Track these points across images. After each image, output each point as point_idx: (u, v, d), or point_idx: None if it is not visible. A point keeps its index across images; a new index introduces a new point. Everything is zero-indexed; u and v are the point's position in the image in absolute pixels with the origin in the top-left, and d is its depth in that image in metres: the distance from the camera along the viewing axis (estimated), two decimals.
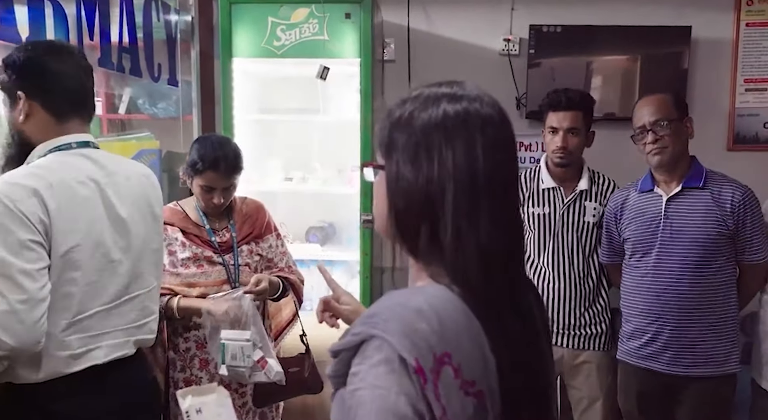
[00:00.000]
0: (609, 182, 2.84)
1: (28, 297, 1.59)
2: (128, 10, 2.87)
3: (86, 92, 1.85)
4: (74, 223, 1.71)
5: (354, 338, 0.95)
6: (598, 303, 2.83)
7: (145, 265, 1.95)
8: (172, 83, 3.41)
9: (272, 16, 3.32)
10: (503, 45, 3.80)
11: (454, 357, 0.92)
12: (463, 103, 1.02)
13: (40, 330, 1.62)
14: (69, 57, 1.81)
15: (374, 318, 0.95)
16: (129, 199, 1.88)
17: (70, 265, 1.71)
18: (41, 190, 1.64)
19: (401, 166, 1.02)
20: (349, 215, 3.72)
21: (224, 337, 2.37)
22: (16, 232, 1.60)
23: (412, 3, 3.82)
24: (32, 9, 2.21)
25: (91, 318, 1.78)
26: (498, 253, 1.00)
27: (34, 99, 1.76)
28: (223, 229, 2.60)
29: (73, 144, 1.79)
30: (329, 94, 3.57)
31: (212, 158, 2.43)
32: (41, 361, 1.70)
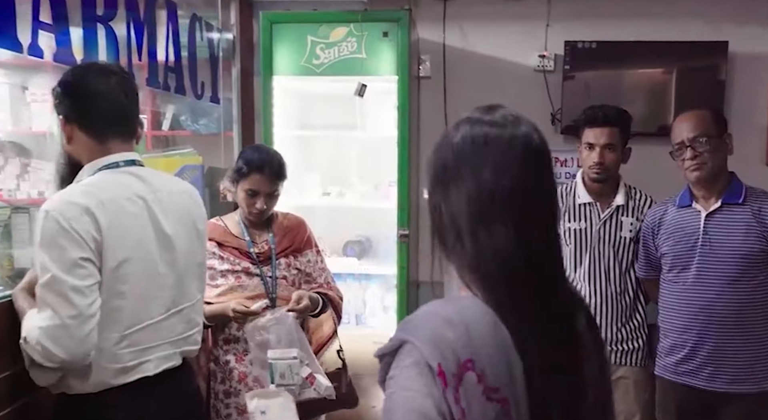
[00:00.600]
0: (646, 197, 2.85)
1: (78, 312, 1.65)
2: (174, 30, 2.97)
3: (126, 112, 1.87)
4: (123, 239, 1.76)
5: (392, 344, 1.03)
6: (635, 318, 2.82)
7: (190, 278, 1.99)
8: (214, 100, 3.50)
9: (312, 35, 3.41)
10: (538, 61, 3.83)
11: (478, 364, 0.97)
12: (495, 128, 1.09)
13: (90, 344, 1.68)
14: (110, 78, 1.83)
15: (408, 325, 1.03)
16: (174, 215, 1.93)
17: (119, 280, 1.76)
18: (93, 208, 1.70)
19: (437, 184, 1.11)
20: (385, 230, 3.77)
21: (271, 356, 2.38)
22: (69, 250, 1.65)
23: (448, 20, 3.87)
24: (86, 31, 2.31)
25: (142, 331, 1.83)
26: (521, 266, 1.05)
27: (73, 122, 1.81)
28: (262, 241, 2.65)
29: (120, 162, 1.84)
30: (366, 110, 3.64)
31: (258, 162, 2.52)
32: (92, 374, 1.75)
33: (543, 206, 1.09)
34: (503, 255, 1.04)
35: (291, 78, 3.53)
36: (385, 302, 3.82)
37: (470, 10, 3.86)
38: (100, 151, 1.82)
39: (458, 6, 3.87)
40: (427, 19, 3.86)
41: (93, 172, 1.81)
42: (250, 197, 2.56)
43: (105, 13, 2.40)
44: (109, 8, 2.43)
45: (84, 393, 1.78)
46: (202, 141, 3.70)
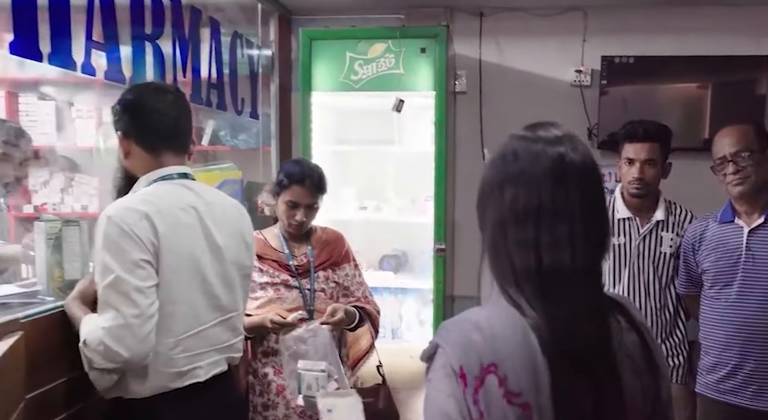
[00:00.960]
0: (686, 213, 2.82)
1: (140, 312, 1.72)
2: (216, 47, 3.03)
3: (179, 128, 1.95)
4: (177, 246, 1.83)
5: (429, 348, 1.11)
6: (675, 335, 2.80)
7: (237, 289, 2.05)
8: (253, 116, 3.57)
9: (350, 52, 3.46)
10: (575, 76, 3.84)
11: (501, 368, 1.02)
12: (539, 144, 1.14)
13: (149, 344, 1.75)
14: (166, 96, 1.93)
15: (442, 330, 1.10)
16: (225, 227, 2.00)
17: (172, 286, 1.83)
18: (151, 215, 1.78)
19: (484, 200, 1.17)
20: (421, 244, 3.78)
21: (301, 367, 2.43)
22: (131, 252, 1.73)
23: (484, 36, 3.90)
24: (135, 49, 2.38)
25: (194, 337, 1.89)
26: (562, 279, 1.08)
27: (130, 137, 1.90)
28: (301, 254, 2.68)
29: (174, 175, 1.93)
30: (403, 125, 3.67)
31: (298, 175, 2.57)
32: (150, 377, 1.82)
33: (575, 220, 1.10)
34: (534, 266, 1.09)
35: (329, 94, 3.58)
36: (421, 316, 3.83)
37: (506, 26, 3.88)
38: (154, 165, 1.91)
39: (494, 21, 3.89)
40: (464, 34, 3.89)
41: (149, 183, 1.89)
42: (290, 209, 2.60)
43: (153, 31, 2.48)
44: (157, 27, 2.50)
45: (137, 397, 1.84)
46: (240, 155, 3.76)
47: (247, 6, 3.47)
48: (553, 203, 1.09)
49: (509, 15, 3.85)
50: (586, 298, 1.10)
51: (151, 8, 2.46)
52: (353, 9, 3.87)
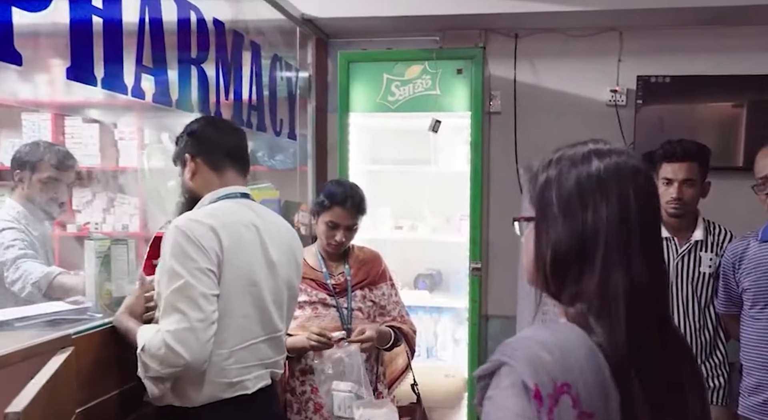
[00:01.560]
0: (725, 232, 2.80)
1: (205, 317, 1.81)
2: (257, 70, 3.10)
3: (239, 148, 2.11)
4: (238, 261, 1.93)
5: (490, 365, 1.06)
6: (715, 356, 2.77)
7: (284, 308, 2.13)
8: (291, 137, 3.62)
9: (387, 73, 3.51)
10: (610, 96, 3.84)
11: (573, 387, 0.98)
12: (612, 157, 1.10)
13: (209, 349, 1.83)
14: (223, 124, 2.15)
15: (506, 347, 1.05)
16: (280, 246, 2.09)
17: (230, 299, 1.91)
18: (217, 228, 1.88)
19: (553, 219, 1.11)
20: (456, 263, 3.80)
21: (334, 387, 2.49)
22: (198, 261, 1.83)
23: (519, 57, 3.93)
24: (181, 72, 2.45)
25: (245, 350, 1.97)
26: (643, 298, 1.06)
27: (198, 157, 2.04)
28: (339, 273, 2.72)
29: (237, 194, 2.06)
30: (438, 145, 3.71)
31: (340, 196, 2.62)
32: (204, 386, 1.90)
33: (654, 238, 1.11)
34: (616, 288, 1.06)
35: (366, 115, 3.63)
36: (456, 335, 3.83)
37: (541, 47, 3.91)
38: (218, 184, 2.04)
39: (529, 42, 3.92)
40: (498, 55, 3.92)
41: (214, 200, 2.02)
42: (331, 229, 2.64)
43: (198, 55, 2.55)
44: (202, 51, 2.57)
45: (188, 406, 1.91)
46: (277, 175, 3.82)
47: (287, 30, 3.54)
48: (638, 219, 1.07)
49: (544, 36, 3.88)
50: (657, 317, 1.09)
51: (197, 33, 2.53)
52: (389, 32, 3.93)
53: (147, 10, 2.21)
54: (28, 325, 1.90)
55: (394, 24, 3.81)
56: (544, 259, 1.12)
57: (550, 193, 1.12)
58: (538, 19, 3.72)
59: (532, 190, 1.16)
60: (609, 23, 3.78)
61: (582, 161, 1.11)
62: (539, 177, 1.15)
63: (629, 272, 1.06)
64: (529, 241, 1.17)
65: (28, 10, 1.65)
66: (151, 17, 2.23)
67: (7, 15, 1.58)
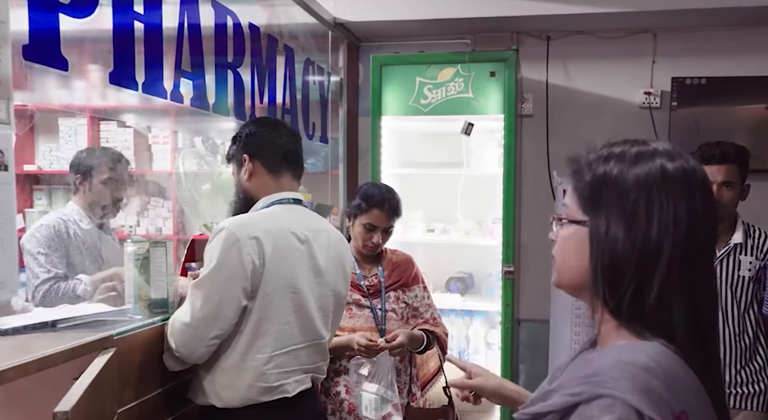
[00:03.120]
0: (765, 235, 2.76)
1: (204, 317, 1.87)
2: (290, 74, 3.13)
3: (295, 153, 2.14)
4: (281, 268, 1.94)
5: (571, 399, 0.94)
6: (755, 360, 2.72)
7: (330, 315, 2.14)
8: (323, 140, 3.64)
9: (420, 76, 3.52)
10: (644, 98, 3.81)
11: (691, 415, 0.90)
12: (681, 161, 1.02)
13: (204, 348, 1.89)
14: (281, 127, 2.16)
15: (598, 377, 0.93)
16: (328, 254, 2.10)
17: (270, 304, 1.93)
18: (261, 236, 1.90)
19: (613, 223, 1.01)
20: (488, 266, 3.79)
21: (363, 388, 2.51)
22: (229, 268, 1.86)
23: (551, 59, 3.91)
24: (218, 77, 2.47)
25: (286, 355, 1.98)
26: (708, 311, 1.01)
27: (256, 159, 2.06)
28: (372, 275, 2.73)
29: (290, 199, 2.08)
30: (470, 148, 3.70)
31: (377, 199, 2.63)
32: (242, 389, 1.92)
33: (713, 252, 1.05)
34: (699, 303, 0.99)
35: (398, 118, 3.63)
36: (488, 339, 3.81)
37: (574, 49, 3.89)
38: (273, 187, 2.06)
39: (561, 45, 3.90)
40: (530, 58, 3.91)
41: (267, 205, 2.04)
42: (368, 231, 2.65)
43: (234, 60, 2.58)
44: (238, 55, 2.60)
45: (228, 407, 1.93)
46: (309, 178, 3.83)
47: (319, 34, 3.56)
48: (704, 229, 1.00)
49: (577, 38, 3.86)
50: (714, 334, 1.04)
51: (233, 38, 2.56)
52: (420, 35, 3.94)
53: (186, 16, 2.24)
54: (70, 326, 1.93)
55: (426, 27, 3.82)
56: (600, 264, 1.01)
57: (612, 192, 1.02)
58: (571, 22, 3.71)
59: (580, 184, 1.07)
60: (643, 25, 3.75)
61: (646, 160, 1.02)
62: (594, 170, 1.05)
63: (695, 289, 0.98)
64: (568, 241, 1.08)
65: (73, 16, 1.68)
66: (190, 22, 2.26)
67: (54, 22, 1.61)
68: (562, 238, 1.11)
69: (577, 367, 1.05)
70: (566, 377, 1.01)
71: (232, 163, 2.13)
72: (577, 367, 1.05)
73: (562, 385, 0.98)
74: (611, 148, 1.07)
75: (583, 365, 1.01)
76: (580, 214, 1.07)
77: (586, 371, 0.96)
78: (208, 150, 3.76)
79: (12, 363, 1.45)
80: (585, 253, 1.04)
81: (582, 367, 1.01)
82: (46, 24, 1.59)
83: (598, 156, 1.07)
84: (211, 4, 2.41)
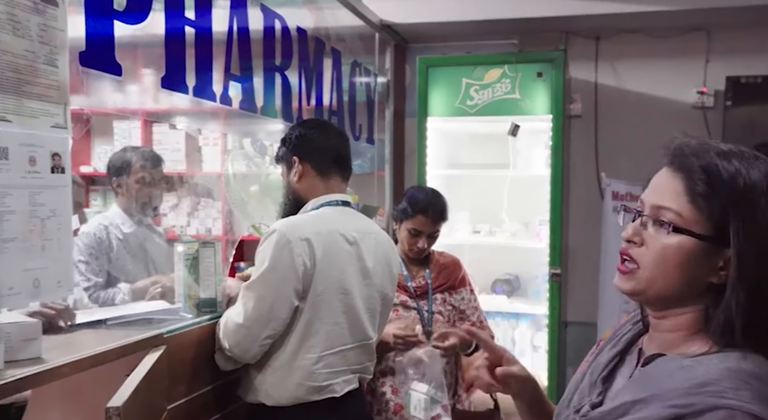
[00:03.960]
0: None
1: (258, 319, 1.91)
2: (337, 76, 3.15)
3: (344, 155, 2.16)
4: (332, 269, 1.97)
5: (677, 411, 0.90)
6: None
7: (377, 316, 2.16)
8: (369, 142, 3.66)
9: (466, 78, 3.51)
10: (696, 97, 3.73)
11: None
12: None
13: (257, 348, 1.93)
14: (329, 128, 2.19)
15: (712, 387, 0.89)
16: (376, 255, 2.12)
17: (320, 305, 1.96)
18: (312, 239, 1.93)
19: (758, 249, 0.94)
20: (534, 268, 3.76)
21: (412, 387, 2.50)
22: (282, 270, 1.89)
23: (600, 58, 3.86)
24: (266, 80, 2.51)
25: (335, 355, 2.01)
26: None
27: (306, 161, 2.08)
28: (419, 276, 2.74)
29: (339, 201, 2.09)
30: (517, 148, 3.68)
31: (423, 204, 2.63)
32: (291, 388, 1.95)
33: None
34: None
35: (444, 119, 3.63)
36: (534, 342, 3.78)
37: (623, 49, 3.83)
38: (323, 189, 2.08)
39: (611, 44, 3.85)
40: (579, 58, 3.86)
41: (317, 207, 2.06)
42: (413, 236, 2.65)
43: (282, 63, 2.61)
44: (286, 58, 2.63)
45: (278, 405, 1.97)
46: (355, 180, 3.84)
47: (366, 36, 3.58)
48: None
49: (627, 38, 3.80)
50: None
51: (281, 41, 2.59)
52: (466, 36, 3.92)
53: (235, 20, 2.27)
54: (120, 323, 1.98)
55: (472, 28, 3.80)
56: (741, 293, 0.94)
57: (757, 198, 0.94)
58: (621, 21, 3.65)
59: (700, 182, 0.97)
60: (696, 23, 3.67)
61: (755, 160, 0.97)
62: (721, 169, 0.96)
63: None
64: (674, 253, 0.99)
65: (127, 22, 1.73)
66: (239, 26, 2.30)
67: (109, 28, 1.66)
68: (665, 247, 0.99)
69: (659, 377, 0.99)
70: (659, 387, 0.95)
71: (281, 165, 2.15)
72: (656, 377, 0.99)
73: (657, 396, 0.93)
74: (729, 148, 0.99)
75: (675, 374, 0.96)
76: (702, 226, 0.97)
77: (690, 382, 0.92)
78: (257, 151, 3.82)
79: (67, 359, 1.50)
80: (694, 269, 0.98)
81: (673, 376, 0.96)
82: (102, 30, 1.64)
83: (720, 150, 0.99)
84: (260, 8, 2.44)
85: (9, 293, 1.35)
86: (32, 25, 1.37)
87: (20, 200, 1.37)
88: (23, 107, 1.36)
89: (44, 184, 1.43)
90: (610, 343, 1.16)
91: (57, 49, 1.44)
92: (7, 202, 1.33)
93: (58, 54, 1.44)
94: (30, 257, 1.40)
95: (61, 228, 1.49)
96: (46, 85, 1.42)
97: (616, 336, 1.17)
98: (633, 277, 1.02)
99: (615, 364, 1.11)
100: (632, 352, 1.11)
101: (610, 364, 1.11)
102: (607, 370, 1.10)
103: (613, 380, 1.09)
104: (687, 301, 1.00)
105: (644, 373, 1.03)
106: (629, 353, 1.12)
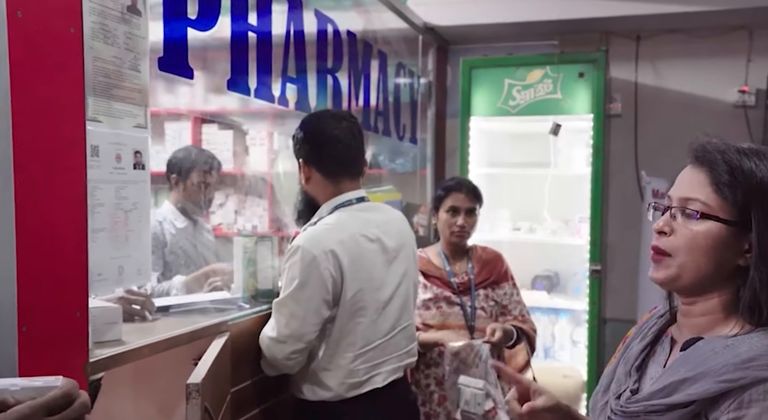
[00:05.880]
0: None
1: (291, 335, 1.97)
2: (383, 78, 3.25)
3: (355, 154, 2.09)
4: (361, 271, 2.00)
5: (726, 385, 0.99)
6: None
7: (410, 298, 2.21)
8: (412, 141, 3.75)
9: (509, 78, 3.59)
10: (737, 96, 3.75)
11: None
12: None
13: (293, 361, 1.99)
14: (342, 123, 2.07)
15: (758, 361, 0.98)
16: (398, 242, 2.14)
17: (355, 307, 2.00)
18: (336, 248, 1.95)
19: None
20: (574, 265, 3.81)
21: (461, 381, 2.53)
22: (311, 286, 1.94)
23: (641, 58, 3.89)
24: (318, 81, 2.62)
25: (374, 350, 2.06)
26: None
27: (311, 164, 2.07)
28: (462, 272, 2.79)
29: (353, 200, 2.08)
30: (558, 147, 3.74)
31: (454, 183, 2.78)
32: (331, 386, 2.02)
33: None
34: None
35: (487, 119, 3.71)
36: (574, 337, 3.83)
37: (664, 48, 3.86)
38: (333, 191, 2.06)
39: (651, 44, 3.88)
40: (619, 58, 3.90)
41: (330, 211, 2.06)
42: (452, 216, 2.72)
43: (333, 65, 2.71)
44: (337, 61, 2.73)
45: (321, 400, 2.03)
46: (398, 178, 3.95)
47: (410, 38, 3.67)
48: None
49: (667, 37, 3.83)
50: None
51: (333, 44, 2.70)
52: (508, 37, 3.98)
53: (292, 24, 2.37)
54: (182, 312, 2.09)
55: (514, 30, 3.87)
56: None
57: None
58: (662, 21, 3.69)
59: (727, 179, 1.08)
60: (737, 22, 3.68)
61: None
62: (741, 162, 1.07)
63: None
64: (703, 239, 1.08)
65: (198, 29, 1.84)
66: (295, 30, 2.39)
67: (183, 34, 1.77)
68: (695, 233, 1.09)
69: (703, 357, 1.06)
70: (707, 366, 1.02)
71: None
72: (701, 357, 1.06)
73: (704, 373, 1.01)
74: (745, 147, 1.11)
75: (721, 352, 1.04)
76: (727, 212, 1.07)
77: (738, 358, 1.00)
78: None
79: (145, 341, 1.62)
80: (722, 253, 1.08)
81: (719, 354, 1.03)
82: (177, 36, 1.75)
83: (743, 149, 1.10)
84: (314, 13, 2.54)
85: (98, 279, 1.47)
86: (119, 34, 1.48)
87: (108, 194, 1.48)
88: (111, 109, 1.47)
89: (127, 179, 1.54)
90: (638, 337, 1.24)
91: (140, 55, 1.55)
92: (97, 195, 1.44)
93: (141, 59, 1.55)
94: (116, 246, 1.52)
95: (141, 220, 1.61)
96: (130, 89, 1.53)
97: (643, 330, 1.25)
98: (666, 265, 1.11)
99: (646, 355, 1.19)
100: (663, 342, 1.19)
101: (642, 355, 1.19)
102: (639, 359, 1.18)
103: (645, 369, 1.17)
104: (716, 284, 1.09)
105: (686, 355, 1.10)
106: (659, 344, 1.20)
